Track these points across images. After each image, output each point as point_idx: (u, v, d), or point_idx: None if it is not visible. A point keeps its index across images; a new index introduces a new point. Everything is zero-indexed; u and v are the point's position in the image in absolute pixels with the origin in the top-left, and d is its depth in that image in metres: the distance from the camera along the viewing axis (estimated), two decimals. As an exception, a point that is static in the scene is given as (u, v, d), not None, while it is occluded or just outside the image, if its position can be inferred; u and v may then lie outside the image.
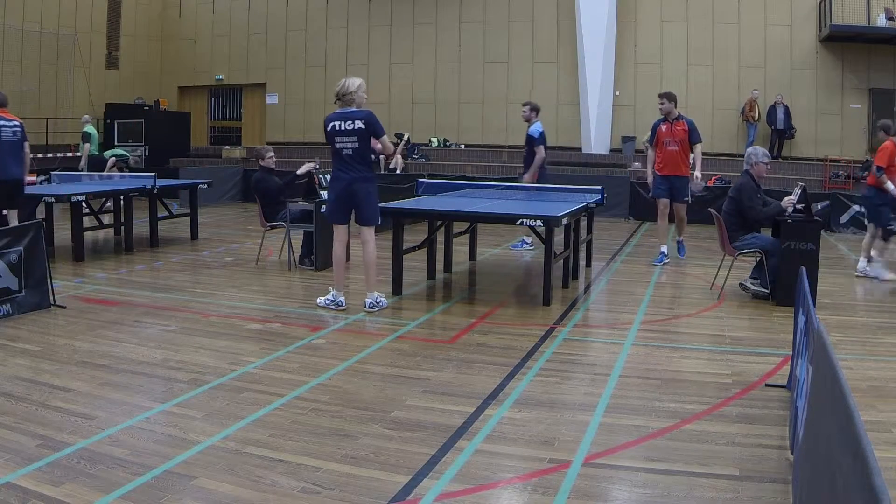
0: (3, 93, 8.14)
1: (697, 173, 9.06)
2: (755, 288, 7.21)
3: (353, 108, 6.26)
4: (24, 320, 5.86)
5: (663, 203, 9.21)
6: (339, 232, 6.56)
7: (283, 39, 20.86)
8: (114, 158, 16.16)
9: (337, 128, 6.24)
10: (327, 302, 6.47)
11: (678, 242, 9.66)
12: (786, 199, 7.09)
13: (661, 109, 9.16)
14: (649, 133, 9.56)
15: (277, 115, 21.21)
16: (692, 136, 9.10)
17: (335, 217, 6.46)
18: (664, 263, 9.10)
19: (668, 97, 9.13)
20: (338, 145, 6.25)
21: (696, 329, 6.09)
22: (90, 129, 16.17)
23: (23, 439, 3.55)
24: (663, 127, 9.17)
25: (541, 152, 9.84)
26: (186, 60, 22.01)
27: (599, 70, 17.09)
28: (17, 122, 8.01)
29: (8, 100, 8.10)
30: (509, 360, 5.02)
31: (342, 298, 6.48)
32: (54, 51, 18.95)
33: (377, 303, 6.44)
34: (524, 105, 10.05)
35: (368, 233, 6.46)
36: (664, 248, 9.26)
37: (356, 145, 6.24)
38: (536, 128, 9.88)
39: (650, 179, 9.38)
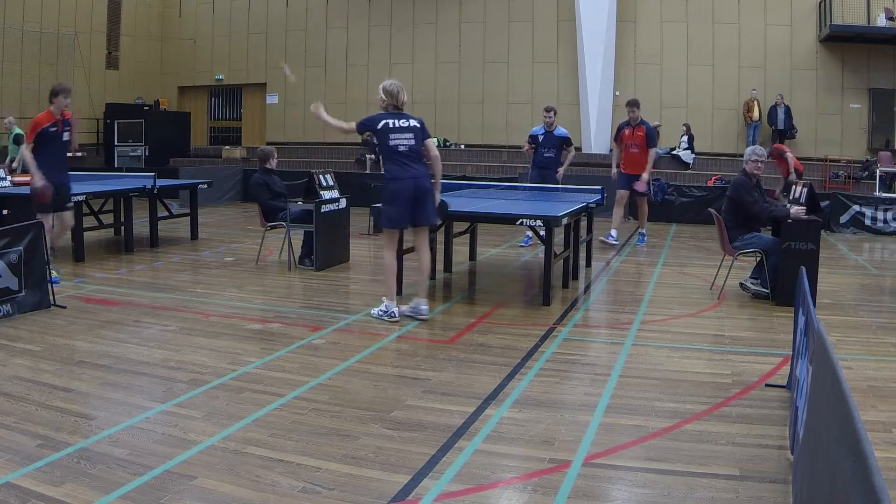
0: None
1: (645, 175, 10.20)
2: (755, 288, 7.21)
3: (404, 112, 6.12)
4: (24, 320, 5.86)
5: (621, 194, 10.46)
6: (396, 238, 6.25)
7: (283, 39, 20.85)
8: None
9: (390, 125, 5.97)
10: (380, 313, 6.09)
11: (640, 234, 10.88)
12: (796, 207, 6.89)
13: (631, 117, 10.24)
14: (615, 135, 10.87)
15: (277, 115, 21.20)
16: (649, 142, 10.17)
17: (400, 221, 6.05)
18: (612, 244, 10.33)
19: (637, 105, 10.25)
20: (392, 142, 5.93)
21: (696, 329, 6.09)
22: (19, 130, 14.54)
23: (23, 439, 3.55)
24: (626, 131, 10.30)
25: (572, 151, 10.65)
26: (186, 60, 22.00)
27: (599, 70, 17.08)
28: None
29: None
30: (509, 360, 5.02)
31: (396, 309, 6.06)
32: (54, 51, 18.94)
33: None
34: (550, 111, 10.32)
35: (426, 234, 6.29)
36: (613, 232, 10.48)
37: (412, 142, 5.99)
38: (562, 129, 10.56)
39: (614, 172, 10.59)
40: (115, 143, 19.52)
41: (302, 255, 8.70)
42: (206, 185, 10.98)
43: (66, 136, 7.34)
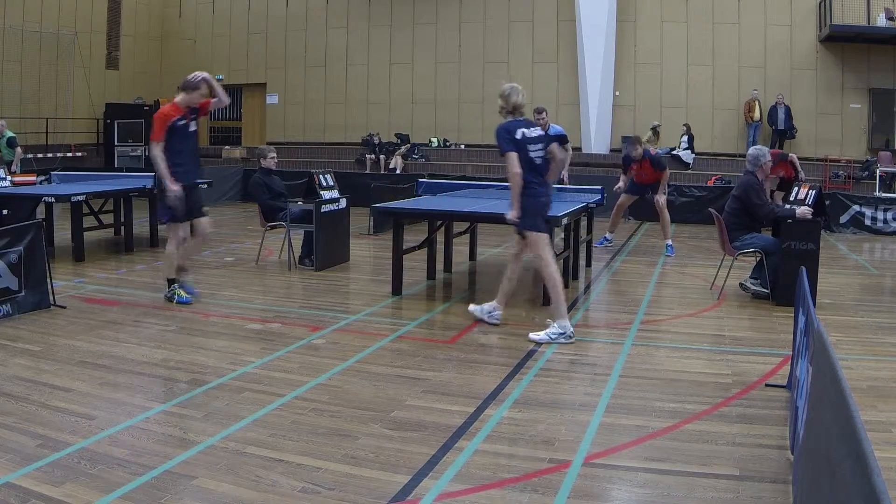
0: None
1: (661, 198, 10.05)
2: (755, 288, 7.20)
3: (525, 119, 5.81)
4: (24, 320, 5.86)
5: (625, 198, 10.34)
6: (550, 244, 5.83)
7: (283, 39, 20.86)
8: None
9: (526, 135, 5.60)
10: (552, 336, 5.48)
11: (668, 245, 10.20)
12: (801, 209, 6.89)
13: (634, 155, 9.90)
14: (622, 165, 10.44)
15: (277, 115, 21.21)
16: (658, 168, 9.94)
17: (546, 229, 5.80)
18: (605, 245, 10.39)
19: (639, 141, 10.03)
20: (531, 153, 5.58)
21: (696, 329, 6.09)
22: (11, 133, 14.15)
23: (23, 439, 3.55)
24: (634, 166, 10.04)
25: (569, 149, 10.35)
26: (186, 60, 21.97)
27: (599, 70, 17.08)
28: None
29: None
30: (509, 360, 5.02)
31: (571, 328, 5.56)
32: (54, 51, 18.94)
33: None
34: (541, 112, 10.02)
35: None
36: (609, 236, 10.56)
37: (544, 153, 5.72)
38: (557, 127, 10.25)
39: (618, 186, 10.37)
40: (115, 143, 19.52)
41: (302, 255, 8.70)
42: (206, 185, 10.96)
43: (193, 127, 6.55)
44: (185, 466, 3.31)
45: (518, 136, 5.56)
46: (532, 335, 5.51)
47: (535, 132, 5.68)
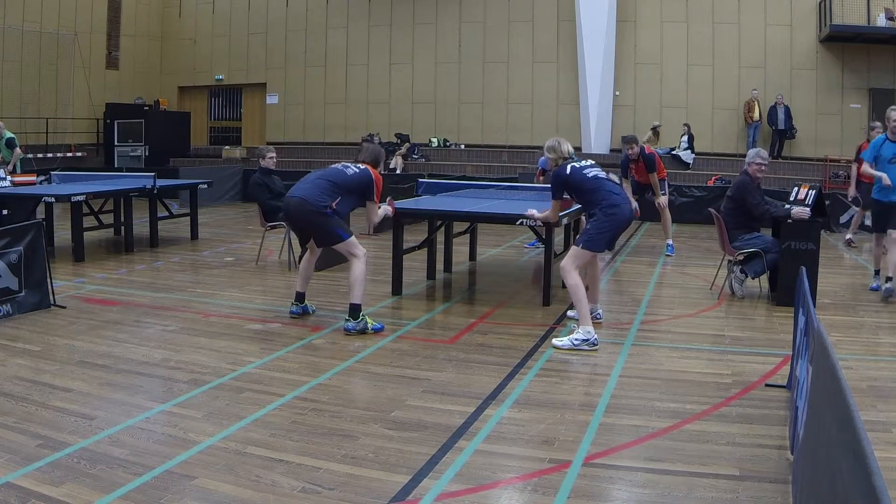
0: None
1: (662, 200, 10.03)
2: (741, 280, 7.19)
3: None
4: (24, 320, 5.86)
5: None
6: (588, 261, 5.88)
7: (283, 39, 20.86)
8: None
9: (576, 167, 5.74)
10: (575, 342, 5.34)
11: (668, 245, 10.23)
12: (797, 209, 6.87)
13: (630, 154, 9.89)
14: (620, 169, 10.26)
15: (277, 115, 21.20)
16: (647, 169, 9.88)
17: (607, 246, 5.81)
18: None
19: (635, 140, 9.95)
20: (591, 174, 5.72)
21: (696, 329, 6.09)
22: (10, 133, 13.42)
23: (23, 439, 3.55)
24: (632, 166, 10.06)
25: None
26: (186, 60, 22.00)
27: (599, 70, 17.08)
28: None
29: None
30: (509, 360, 5.02)
31: (596, 335, 5.45)
32: (54, 51, 18.94)
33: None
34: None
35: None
36: None
37: (599, 169, 5.87)
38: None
39: (636, 206, 10.01)
40: (115, 143, 19.53)
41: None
42: (206, 185, 10.98)
43: None
44: (185, 466, 3.31)
45: (568, 171, 5.70)
46: (555, 341, 5.46)
47: (581, 161, 5.84)
